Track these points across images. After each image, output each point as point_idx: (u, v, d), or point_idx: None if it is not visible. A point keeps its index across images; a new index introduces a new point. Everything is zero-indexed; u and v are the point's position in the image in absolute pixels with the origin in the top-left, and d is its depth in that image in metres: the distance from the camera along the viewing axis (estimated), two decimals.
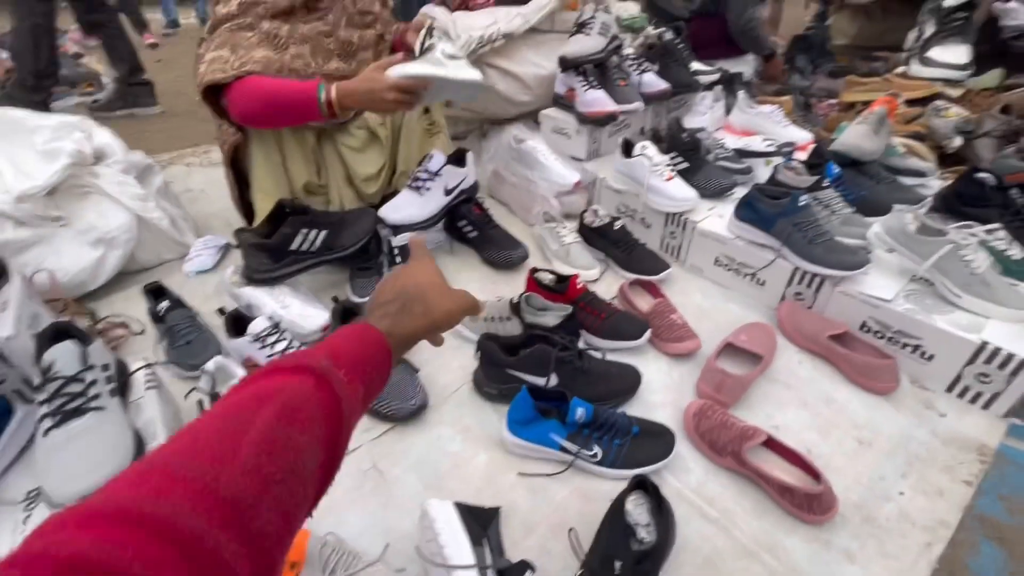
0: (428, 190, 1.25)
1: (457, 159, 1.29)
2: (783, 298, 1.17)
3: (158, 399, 0.83)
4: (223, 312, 1.03)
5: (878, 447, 0.90)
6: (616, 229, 1.31)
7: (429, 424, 0.93)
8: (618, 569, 0.66)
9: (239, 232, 1.16)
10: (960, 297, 0.99)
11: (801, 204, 1.10)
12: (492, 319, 1.06)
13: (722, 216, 1.27)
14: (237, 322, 1.00)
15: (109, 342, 1.08)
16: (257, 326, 0.95)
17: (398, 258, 1.25)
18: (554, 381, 0.94)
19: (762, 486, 0.82)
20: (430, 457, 0.88)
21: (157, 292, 1.14)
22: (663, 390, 1.00)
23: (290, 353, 0.49)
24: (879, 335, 1.04)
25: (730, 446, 0.84)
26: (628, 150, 1.37)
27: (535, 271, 1.13)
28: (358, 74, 1.05)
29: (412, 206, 1.25)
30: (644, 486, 0.74)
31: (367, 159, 1.34)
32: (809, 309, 1.14)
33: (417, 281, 0.54)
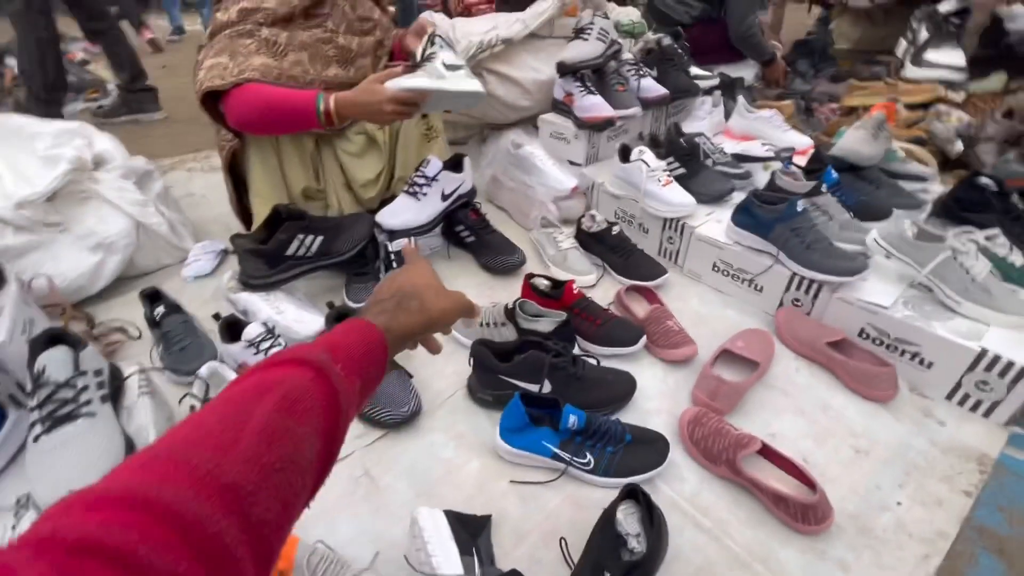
0: (425, 195, 1.25)
1: (454, 164, 1.30)
2: (781, 304, 1.16)
3: (151, 405, 0.83)
4: (218, 317, 1.03)
5: (876, 456, 0.89)
6: (614, 234, 1.31)
7: (422, 430, 0.93)
8: None
9: (235, 238, 1.17)
10: (960, 304, 0.98)
11: (798, 209, 1.10)
12: (487, 325, 1.06)
13: (720, 221, 1.27)
14: (232, 328, 1.00)
15: (106, 347, 1.09)
16: (251, 332, 0.96)
17: (394, 263, 1.24)
18: (548, 388, 0.93)
19: (757, 495, 0.81)
20: (422, 464, 0.87)
21: (153, 297, 1.14)
22: (658, 397, 1.00)
23: (290, 347, 0.50)
24: (877, 342, 1.03)
25: (725, 454, 0.83)
26: (625, 155, 1.36)
27: (531, 276, 1.12)
28: (357, 80, 1.05)
29: (409, 211, 1.25)
30: (635, 495, 0.74)
31: (365, 164, 1.34)
32: (807, 315, 1.13)
33: (414, 281, 0.55)
